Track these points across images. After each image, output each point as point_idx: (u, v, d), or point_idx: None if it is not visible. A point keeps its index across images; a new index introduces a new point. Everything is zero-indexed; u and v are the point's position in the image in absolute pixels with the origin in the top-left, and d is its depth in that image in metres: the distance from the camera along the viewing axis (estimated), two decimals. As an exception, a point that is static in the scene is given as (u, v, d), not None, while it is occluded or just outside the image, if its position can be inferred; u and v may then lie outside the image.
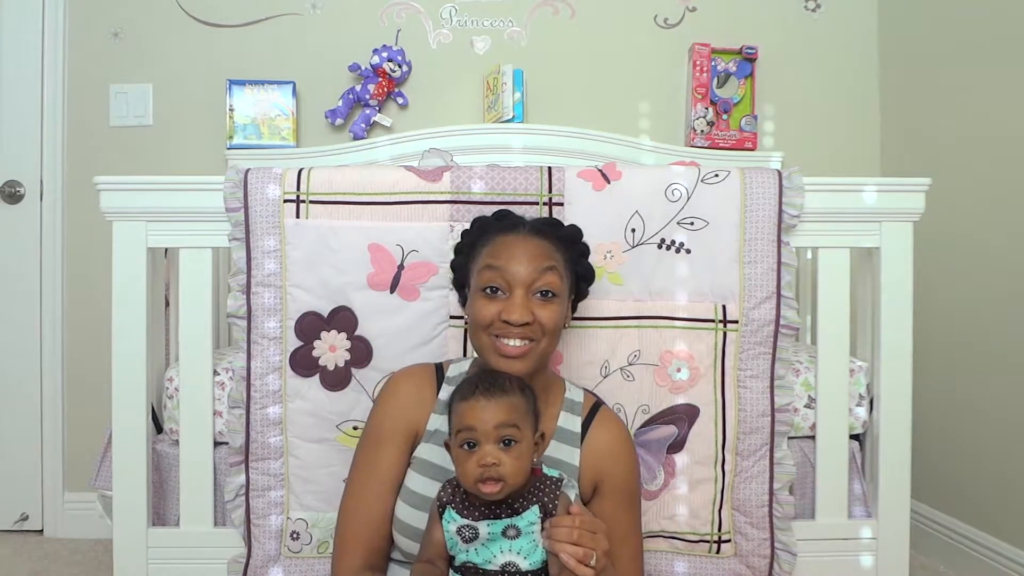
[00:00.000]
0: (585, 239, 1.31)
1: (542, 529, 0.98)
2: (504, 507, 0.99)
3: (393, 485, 1.14)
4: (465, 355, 1.33)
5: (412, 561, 1.11)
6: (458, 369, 1.22)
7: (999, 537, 1.80)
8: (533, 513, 0.99)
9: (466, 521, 1.00)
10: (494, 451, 0.98)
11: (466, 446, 1.00)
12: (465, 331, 1.32)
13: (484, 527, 0.99)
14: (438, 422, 1.17)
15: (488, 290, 1.12)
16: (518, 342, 1.10)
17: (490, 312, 1.10)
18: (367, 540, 1.13)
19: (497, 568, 0.98)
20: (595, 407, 1.21)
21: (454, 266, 1.25)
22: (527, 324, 1.09)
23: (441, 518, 1.02)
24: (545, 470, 1.05)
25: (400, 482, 1.15)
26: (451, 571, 1.01)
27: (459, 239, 1.25)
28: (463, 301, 1.24)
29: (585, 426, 1.18)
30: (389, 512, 1.14)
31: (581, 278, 1.23)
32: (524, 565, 0.98)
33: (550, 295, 1.12)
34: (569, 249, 1.20)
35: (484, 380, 1.04)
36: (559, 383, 1.22)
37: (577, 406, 1.20)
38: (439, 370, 1.22)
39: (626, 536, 1.15)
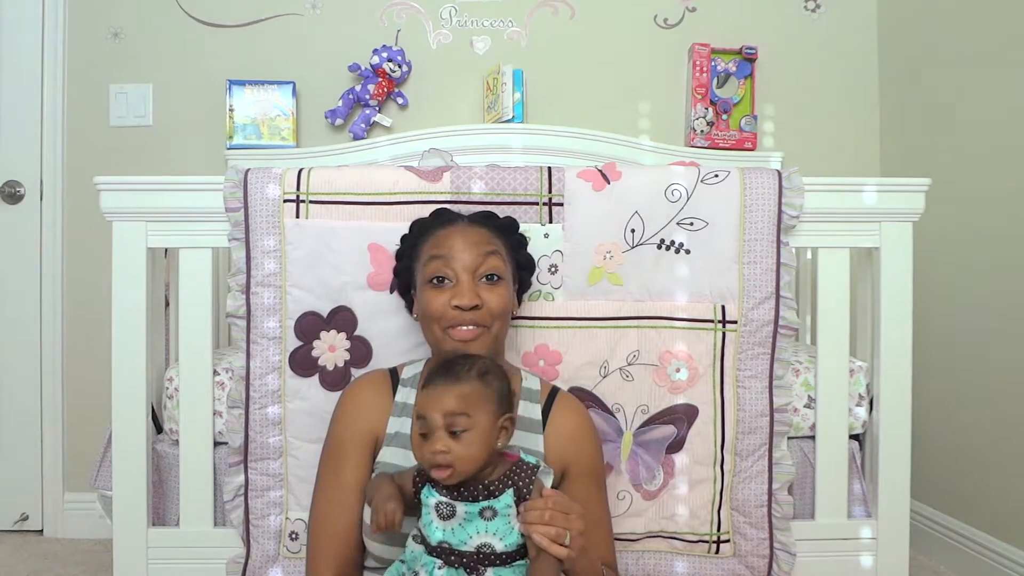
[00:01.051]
0: (585, 239, 1.31)
1: (517, 513, 0.99)
2: (481, 490, 1.00)
3: (359, 495, 1.14)
4: None
5: (386, 567, 1.11)
6: (413, 371, 1.23)
7: (999, 537, 1.80)
8: (508, 496, 1.00)
9: (445, 499, 1.01)
10: (443, 439, 0.99)
11: (422, 434, 1.02)
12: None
13: (461, 507, 1.00)
14: (397, 425, 1.17)
15: (435, 280, 1.14)
16: (470, 327, 1.12)
17: (440, 302, 1.13)
18: (338, 553, 1.13)
19: (472, 549, 0.99)
20: (553, 393, 1.22)
21: (398, 271, 1.26)
22: (476, 308, 1.11)
23: (420, 493, 1.03)
24: (523, 456, 1.05)
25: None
26: (425, 554, 1.01)
27: (399, 244, 1.26)
28: (410, 306, 1.25)
29: (545, 412, 1.19)
30: (358, 523, 1.14)
31: (522, 268, 1.26)
32: (499, 547, 0.99)
33: (495, 278, 1.15)
34: (508, 237, 1.23)
35: (443, 367, 1.04)
36: (515, 373, 1.23)
37: (535, 394, 1.20)
38: (393, 374, 1.23)
39: (600, 518, 1.16)
